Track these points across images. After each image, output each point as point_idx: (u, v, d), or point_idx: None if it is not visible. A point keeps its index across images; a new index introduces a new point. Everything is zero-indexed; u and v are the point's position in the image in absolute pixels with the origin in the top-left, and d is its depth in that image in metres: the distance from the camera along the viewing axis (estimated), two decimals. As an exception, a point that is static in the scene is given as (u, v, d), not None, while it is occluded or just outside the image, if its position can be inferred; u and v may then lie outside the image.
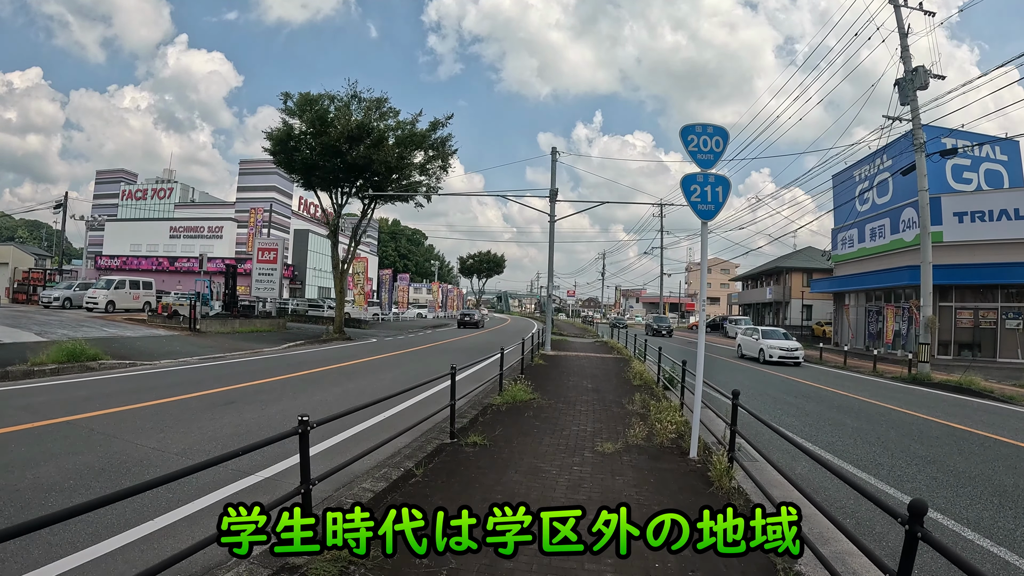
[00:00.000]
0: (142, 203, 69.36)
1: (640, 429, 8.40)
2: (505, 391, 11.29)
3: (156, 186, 69.96)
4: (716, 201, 7.12)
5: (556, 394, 12.32)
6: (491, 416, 9.50)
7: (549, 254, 24.53)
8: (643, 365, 17.38)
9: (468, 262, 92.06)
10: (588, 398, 12.00)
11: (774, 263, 63.76)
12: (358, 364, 18.14)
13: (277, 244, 33.14)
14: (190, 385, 12.35)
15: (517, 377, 14.42)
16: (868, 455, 8.88)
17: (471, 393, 10.98)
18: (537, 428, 8.69)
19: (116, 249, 63.92)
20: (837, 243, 38.69)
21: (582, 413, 10.15)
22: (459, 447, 7.33)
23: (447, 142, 29.27)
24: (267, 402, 10.89)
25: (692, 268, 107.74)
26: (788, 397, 15.12)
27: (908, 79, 22.91)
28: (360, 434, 8.47)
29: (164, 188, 69.40)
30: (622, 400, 11.76)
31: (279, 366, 16.87)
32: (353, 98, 27.86)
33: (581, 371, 17.39)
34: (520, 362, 16.34)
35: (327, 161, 27.68)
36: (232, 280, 31.45)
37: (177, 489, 5.62)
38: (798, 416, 12.21)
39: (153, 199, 69.16)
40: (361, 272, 43.67)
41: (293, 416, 9.55)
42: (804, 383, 18.70)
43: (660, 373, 14.31)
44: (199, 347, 20.68)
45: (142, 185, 70.76)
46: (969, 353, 28.54)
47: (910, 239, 30.05)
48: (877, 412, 13.18)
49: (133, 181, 71.96)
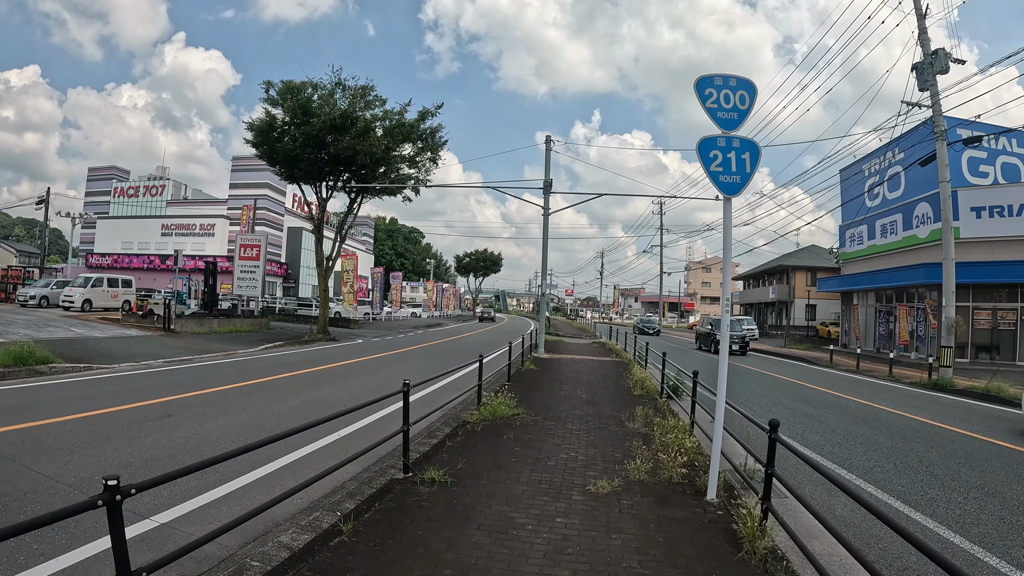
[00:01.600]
0: (134, 200, 68.62)
1: (643, 458, 6.87)
2: (484, 405, 9.76)
3: (148, 183, 69.21)
4: (742, 171, 5.61)
5: (545, 407, 10.77)
6: (463, 438, 7.96)
7: (543, 249, 22.96)
8: (644, 371, 15.82)
9: (464, 260, 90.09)
10: (582, 412, 10.45)
11: (777, 261, 62.23)
12: (332, 368, 16.62)
13: (260, 240, 31.58)
14: (131, 394, 10.96)
15: (503, 386, 12.90)
16: (915, 486, 7.36)
17: (447, 406, 9.52)
18: (516, 456, 7.13)
19: (108, 247, 63.24)
20: (845, 240, 37.10)
21: (573, 434, 8.59)
22: (412, 486, 5.79)
23: (437, 133, 27.74)
24: (208, 416, 9.40)
25: (692, 267, 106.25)
26: (806, 408, 13.58)
27: (927, 63, 21.43)
28: (308, 457, 7.03)
29: (156, 185, 68.67)
30: (621, 415, 10.20)
31: (245, 370, 15.43)
32: (337, 86, 26.33)
33: (576, 378, 15.86)
34: (507, 368, 14.74)
35: (310, 152, 26.17)
36: (213, 278, 29.89)
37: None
38: (823, 432, 10.68)
39: (145, 196, 68.43)
40: (351, 270, 41.95)
41: (232, 434, 8.12)
42: (820, 390, 17.18)
43: (664, 382, 12.72)
44: (168, 348, 19.38)
45: (134, 182, 69.98)
46: (987, 356, 27.03)
47: (924, 235, 28.51)
48: (909, 427, 11.65)
49: (125, 178, 71.08)
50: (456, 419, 9.29)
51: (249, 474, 6.35)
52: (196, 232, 62.06)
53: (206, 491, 5.77)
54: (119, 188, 68.88)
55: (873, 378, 21.63)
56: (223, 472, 6.09)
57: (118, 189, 68.86)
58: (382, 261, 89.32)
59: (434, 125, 27.57)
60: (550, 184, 22.06)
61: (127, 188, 68.92)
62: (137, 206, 67.83)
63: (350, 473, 6.14)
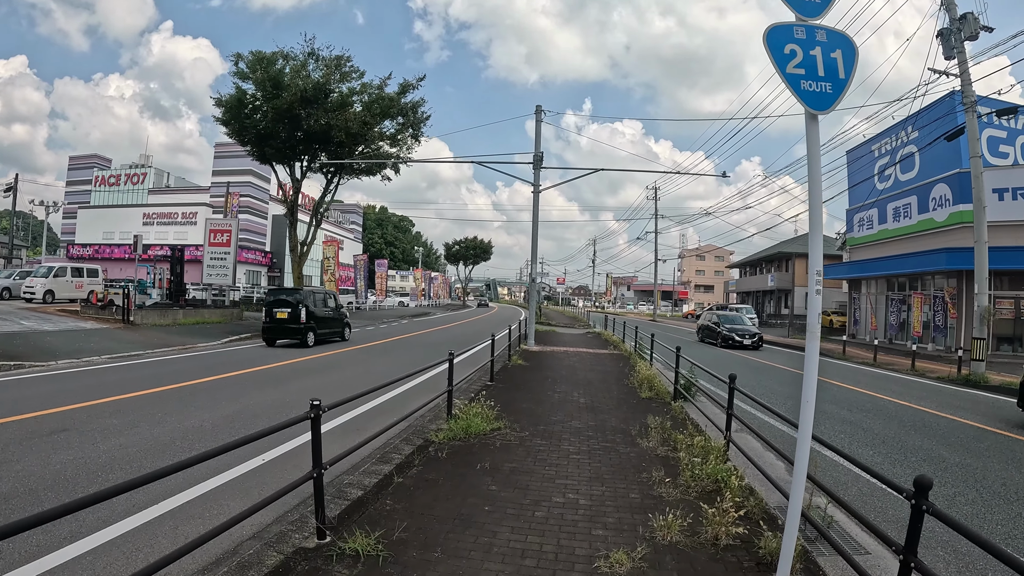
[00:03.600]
0: (115, 189, 67.07)
1: (673, 502, 4.92)
2: (456, 417, 7.73)
3: (130, 171, 67.25)
4: (833, 76, 3.64)
5: (533, 418, 8.73)
6: (420, 469, 5.91)
7: (533, 230, 20.75)
8: (649, 368, 13.79)
9: (454, 248, 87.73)
10: (580, 424, 8.39)
11: (776, 248, 60.47)
12: (292, 365, 14.61)
13: (231, 225, 29.37)
14: (39, 400, 9.17)
15: (483, 387, 10.90)
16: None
17: (412, 416, 7.54)
18: (491, 501, 5.06)
19: (89, 237, 61.74)
20: (853, 225, 35.18)
21: (571, 458, 6.53)
22: (325, 563, 3.76)
23: (419, 107, 25.61)
24: (112, 432, 7.49)
25: (685, 255, 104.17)
26: (840, 410, 11.63)
27: (954, 28, 19.44)
28: (206, 498, 5.09)
29: (138, 173, 66.90)
30: (630, 428, 8.18)
31: (191, 368, 13.49)
32: (310, 56, 24.18)
33: (571, 376, 13.78)
34: (490, 364, 12.68)
35: (282, 129, 24.06)
36: (180, 266, 27.79)
37: None
38: (872, 444, 8.74)
39: (127, 185, 66.83)
40: (332, 257, 39.65)
41: (126, 459, 6.31)
42: (847, 388, 15.23)
43: (677, 382, 10.71)
44: (120, 343, 17.49)
45: (115, 171, 68.24)
46: (1009, 347, 25.21)
47: (943, 219, 26.62)
48: (970, 436, 9.72)
49: (107, 167, 69.54)
50: (422, 433, 7.31)
51: (101, 532, 4.37)
52: (178, 220, 60.33)
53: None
54: (100, 177, 67.32)
55: (894, 372, 19.76)
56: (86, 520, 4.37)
57: (99, 178, 67.25)
58: (371, 250, 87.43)
59: (416, 99, 25.53)
60: (540, 159, 19.98)
61: (108, 177, 67.26)
62: (119, 195, 66.19)
63: (250, 529, 4.20)
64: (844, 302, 48.37)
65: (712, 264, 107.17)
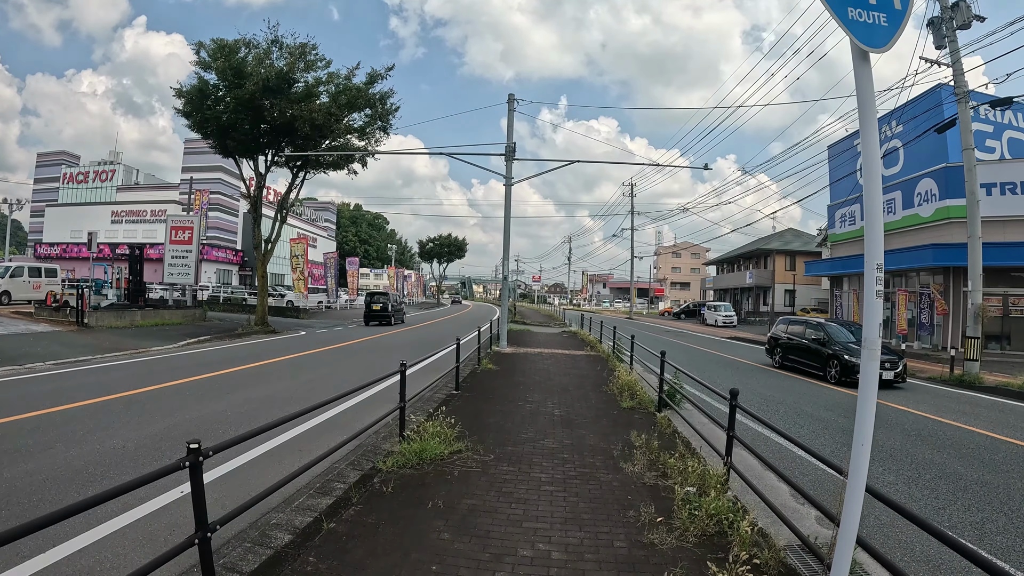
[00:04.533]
0: (83, 187, 65.32)
1: (669, 557, 3.93)
2: (409, 439, 6.62)
3: (98, 168, 65.43)
4: (888, 7, 2.68)
5: (500, 434, 7.68)
6: (358, 510, 4.80)
7: (505, 226, 19.47)
8: (629, 372, 12.81)
9: (428, 246, 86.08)
10: (554, 444, 7.33)
11: (755, 244, 59.98)
12: (243, 371, 13.36)
13: (193, 222, 27.99)
14: None
15: (447, 398, 9.84)
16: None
17: (361, 436, 6.50)
18: (439, 560, 3.96)
19: (56, 236, 60.07)
20: (835, 221, 34.55)
21: (543, 491, 5.47)
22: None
23: (388, 98, 24.44)
24: (21, 455, 6.63)
25: (661, 252, 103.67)
26: (838, 418, 10.72)
27: (947, 17, 18.78)
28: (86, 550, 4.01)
29: (106, 170, 65.12)
30: (612, 448, 7.15)
31: (137, 375, 12.39)
32: (274, 44, 22.92)
33: (545, 381, 12.67)
34: (455, 372, 11.37)
35: (244, 120, 22.79)
36: (139, 265, 26.38)
37: None
38: (879, 459, 7.81)
39: (95, 182, 65.11)
40: (301, 255, 38.26)
41: (30, 488, 5.30)
42: (840, 392, 14.45)
43: (662, 389, 9.69)
44: (70, 347, 16.25)
45: (83, 168, 66.28)
46: (997, 345, 24.67)
47: (928, 214, 26.04)
48: (983, 446, 8.87)
49: (75, 163, 67.40)
50: (372, 454, 6.28)
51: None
52: (147, 219, 58.71)
53: None
54: (68, 174, 65.30)
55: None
56: None
57: (67, 175, 65.24)
58: (345, 248, 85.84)
59: (384, 89, 24.32)
60: (513, 150, 18.89)
61: (76, 174, 65.32)
62: (87, 192, 64.50)
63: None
64: (823, 298, 48.04)
65: (688, 261, 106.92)
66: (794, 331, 19.25)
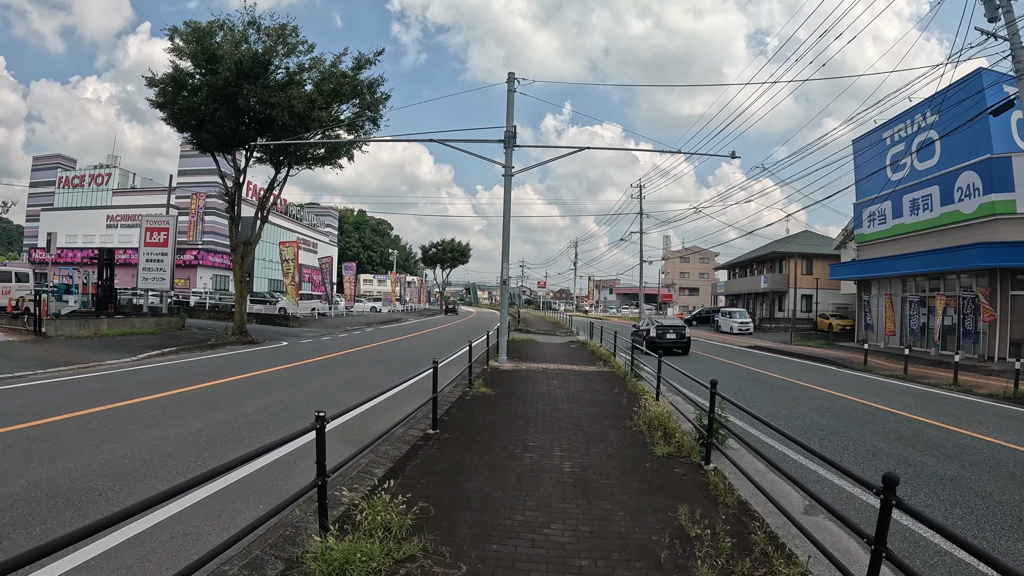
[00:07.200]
0: (79, 190, 65.26)
1: None
2: (334, 535, 4.07)
3: (94, 172, 64.81)
4: None
5: (481, 519, 5.16)
6: None
7: (504, 222, 17.05)
8: (659, 403, 10.38)
9: (431, 251, 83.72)
10: (565, 537, 4.78)
11: (770, 247, 57.40)
12: (184, 395, 11.06)
13: (169, 223, 25.90)
14: None
15: (416, 446, 7.54)
16: None
17: (262, 526, 4.28)
18: None
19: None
20: (862, 220, 32.08)
21: None
22: None
23: (377, 86, 22.26)
24: None
25: (669, 256, 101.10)
26: (921, 457, 8.37)
27: (1000, -17, 16.54)
28: None
29: (102, 174, 64.64)
30: (655, 542, 4.67)
31: (71, 397, 10.37)
32: (251, 25, 20.82)
33: (551, 412, 10.14)
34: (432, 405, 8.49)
35: (218, 110, 20.68)
36: (109, 270, 24.33)
37: None
38: (992, 517, 5.58)
39: (91, 186, 64.88)
40: (291, 259, 36.05)
41: None
42: (904, 416, 12.12)
43: (711, 434, 7.05)
44: (14, 361, 14.33)
45: (79, 171, 66.22)
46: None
47: (971, 211, 23.64)
48: None
49: (71, 167, 67.03)
50: (282, 551, 4.09)
51: None
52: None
53: None
54: (64, 178, 65.39)
55: (934, 388, 16.67)
56: None
57: (63, 179, 65.28)
58: (348, 253, 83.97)
59: (373, 77, 22.15)
60: (513, 135, 16.65)
61: (72, 178, 65.37)
62: (83, 196, 64.11)
63: None
64: (843, 304, 45.50)
65: (697, 266, 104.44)
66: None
